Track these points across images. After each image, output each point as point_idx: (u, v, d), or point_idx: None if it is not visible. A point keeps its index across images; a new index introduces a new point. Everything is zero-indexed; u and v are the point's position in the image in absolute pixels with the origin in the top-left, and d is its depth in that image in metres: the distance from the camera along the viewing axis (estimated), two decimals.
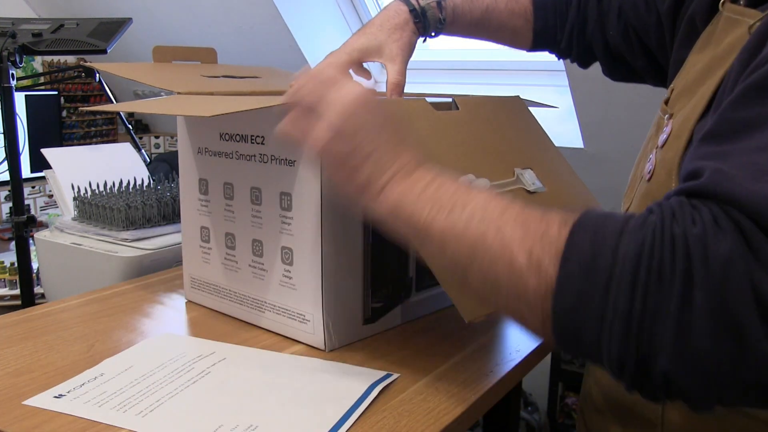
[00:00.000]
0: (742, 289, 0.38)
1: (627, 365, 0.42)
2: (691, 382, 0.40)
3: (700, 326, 0.39)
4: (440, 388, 0.65)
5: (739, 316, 0.38)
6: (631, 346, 0.41)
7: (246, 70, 0.99)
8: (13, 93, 1.57)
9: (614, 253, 0.41)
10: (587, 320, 0.42)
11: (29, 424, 0.57)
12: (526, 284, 0.45)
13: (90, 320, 0.81)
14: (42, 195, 2.73)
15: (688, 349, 0.39)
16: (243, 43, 2.60)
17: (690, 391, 0.41)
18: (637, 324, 0.40)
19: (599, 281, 0.42)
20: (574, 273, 0.43)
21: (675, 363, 0.40)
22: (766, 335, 0.38)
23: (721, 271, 0.38)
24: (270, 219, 0.75)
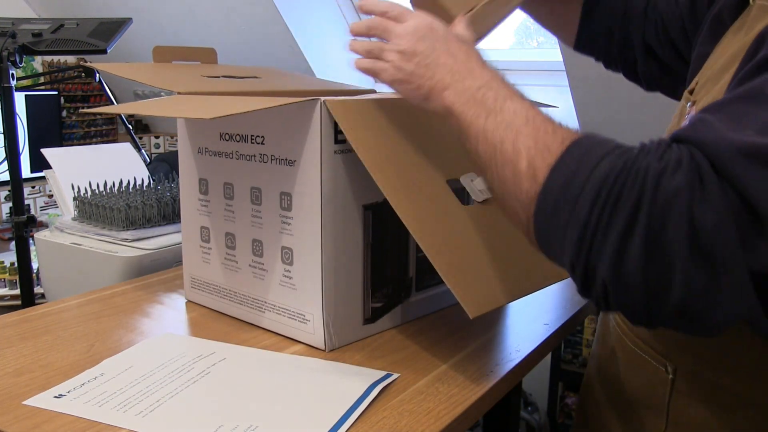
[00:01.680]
0: (680, 221, 0.43)
1: (577, 270, 0.48)
2: (624, 295, 0.46)
3: (637, 246, 0.44)
4: (440, 388, 0.65)
5: (672, 243, 0.43)
6: (582, 253, 0.47)
7: (246, 70, 0.99)
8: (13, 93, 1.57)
9: (591, 172, 0.47)
10: (556, 226, 0.49)
11: (29, 424, 0.57)
12: (521, 187, 0.52)
13: (90, 320, 0.81)
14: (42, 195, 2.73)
15: (622, 264, 0.45)
16: (243, 43, 2.60)
17: (624, 304, 0.47)
18: (590, 235, 0.46)
19: (571, 194, 0.47)
20: (557, 184, 0.49)
21: (611, 275, 0.45)
22: (694, 264, 0.43)
23: (665, 202, 0.43)
24: (270, 219, 0.75)
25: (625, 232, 0.44)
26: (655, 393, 0.67)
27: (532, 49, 2.32)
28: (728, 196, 0.42)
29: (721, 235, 0.42)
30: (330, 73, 2.54)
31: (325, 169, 0.69)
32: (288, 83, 0.98)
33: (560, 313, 0.86)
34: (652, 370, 0.67)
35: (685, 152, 0.45)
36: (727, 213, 0.42)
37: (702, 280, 0.43)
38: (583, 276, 0.48)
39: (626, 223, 0.44)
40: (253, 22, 2.46)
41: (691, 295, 0.44)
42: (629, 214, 0.44)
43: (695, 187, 0.43)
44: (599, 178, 0.46)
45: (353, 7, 2.51)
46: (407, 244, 0.80)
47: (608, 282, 0.46)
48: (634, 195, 0.44)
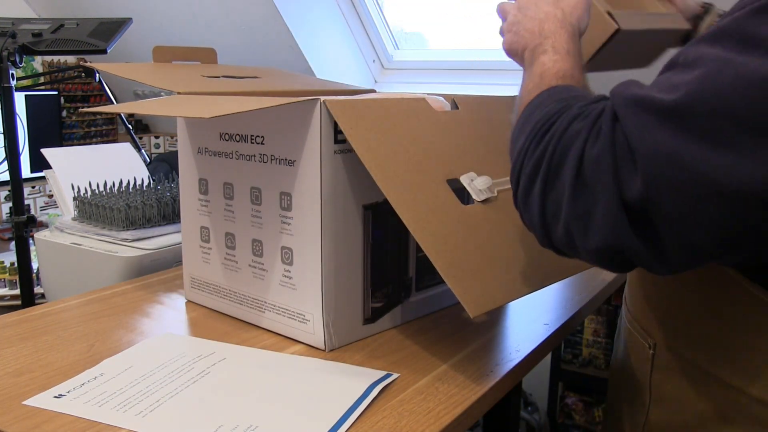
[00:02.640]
0: (574, 155, 0.50)
1: (512, 183, 0.57)
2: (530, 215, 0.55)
3: (542, 174, 0.53)
4: (440, 388, 0.65)
5: (564, 173, 0.51)
6: (515, 172, 0.57)
7: (246, 70, 0.99)
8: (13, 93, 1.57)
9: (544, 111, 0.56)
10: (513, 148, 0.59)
11: (29, 424, 0.57)
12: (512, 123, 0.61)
13: (90, 320, 0.81)
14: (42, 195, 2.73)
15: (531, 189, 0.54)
16: (243, 43, 2.60)
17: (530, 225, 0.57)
18: (521, 161, 0.55)
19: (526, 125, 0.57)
20: (522, 117, 0.59)
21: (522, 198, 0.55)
22: (576, 190, 0.50)
23: (568, 141, 0.51)
24: (270, 219, 0.75)
25: (537, 162, 0.53)
26: (641, 369, 0.72)
27: None
28: (616, 136, 0.49)
29: (599, 166, 0.49)
30: (330, 73, 2.54)
31: (325, 169, 0.69)
32: (288, 83, 0.98)
33: (560, 313, 0.86)
34: (640, 347, 0.72)
35: (604, 105, 0.52)
36: (609, 148, 0.49)
37: (580, 207, 0.50)
38: (514, 189, 0.57)
39: (540, 155, 0.53)
40: (253, 22, 2.46)
41: (572, 221, 0.50)
42: (543, 149, 0.53)
43: (592, 129, 0.51)
44: (542, 117, 0.55)
45: (353, 7, 2.51)
46: (407, 244, 0.80)
47: (520, 201, 0.56)
48: (553, 133, 0.53)
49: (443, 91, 0.85)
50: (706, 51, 0.48)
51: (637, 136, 0.47)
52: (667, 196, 0.46)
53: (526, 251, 0.73)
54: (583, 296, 0.91)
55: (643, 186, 0.46)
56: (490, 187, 0.74)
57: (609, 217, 0.48)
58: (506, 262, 0.71)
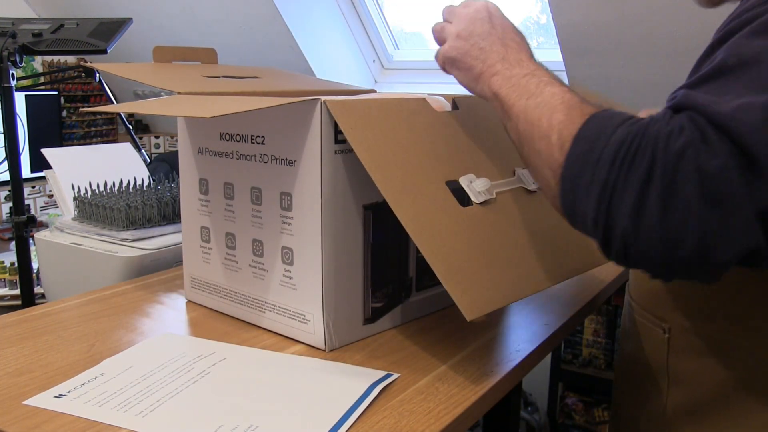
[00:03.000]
0: (690, 171, 0.48)
1: (598, 226, 0.52)
2: (643, 245, 0.50)
3: (653, 198, 0.49)
4: (440, 388, 0.65)
5: (684, 192, 0.48)
6: (602, 209, 0.52)
7: (246, 71, 0.99)
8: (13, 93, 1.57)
9: (608, 138, 0.52)
10: (579, 188, 0.54)
11: (30, 424, 0.57)
12: (552, 156, 0.57)
13: (90, 320, 0.81)
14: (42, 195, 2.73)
15: (641, 216, 0.49)
16: (243, 43, 2.60)
17: (644, 255, 0.51)
18: (609, 191, 0.51)
19: (592, 158, 0.53)
20: (578, 151, 0.54)
21: (631, 226, 0.50)
22: (706, 207, 0.47)
23: (675, 157, 0.49)
24: (270, 219, 0.75)
25: (641, 188, 0.50)
26: (656, 355, 0.75)
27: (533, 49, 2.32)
28: (727, 146, 0.48)
29: (726, 178, 0.47)
30: (330, 73, 2.54)
31: (326, 169, 0.69)
32: (288, 83, 0.98)
33: (560, 313, 0.86)
34: (654, 334, 0.75)
35: (684, 117, 0.51)
36: (729, 159, 0.47)
37: (714, 221, 0.48)
38: (604, 231, 0.52)
39: (642, 179, 0.50)
40: (253, 22, 2.46)
41: (706, 237, 0.48)
42: (645, 171, 0.50)
43: (699, 141, 0.49)
44: (616, 143, 0.52)
45: (353, 7, 2.51)
46: (407, 244, 0.80)
47: (627, 235, 0.51)
48: (648, 154, 0.50)
49: (443, 91, 0.85)
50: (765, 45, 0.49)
51: (754, 145, 0.47)
52: None
53: (524, 254, 0.73)
54: (583, 296, 0.91)
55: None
56: (489, 189, 0.74)
57: (747, 227, 0.48)
58: (504, 264, 0.71)
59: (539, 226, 0.77)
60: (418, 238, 0.64)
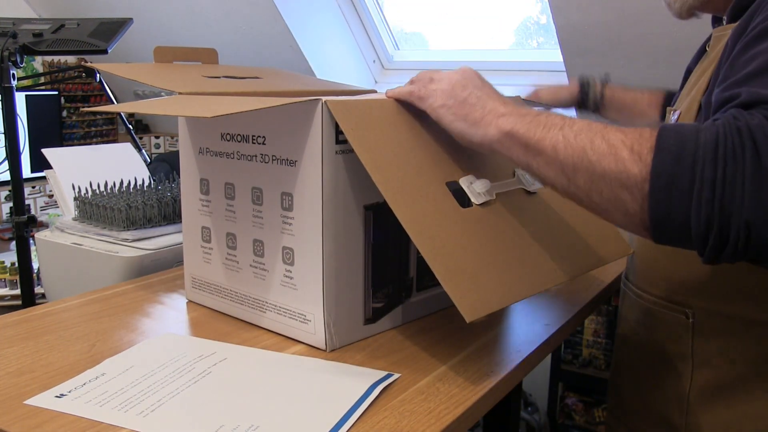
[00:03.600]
0: None
1: (713, 225, 0.52)
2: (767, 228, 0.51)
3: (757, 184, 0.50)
4: (441, 388, 0.65)
5: None
6: (717, 206, 0.52)
7: (247, 71, 0.99)
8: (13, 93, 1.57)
9: (696, 142, 0.53)
10: (677, 196, 0.53)
11: (31, 424, 0.57)
12: (629, 172, 0.55)
13: (91, 320, 0.81)
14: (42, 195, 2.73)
15: (763, 199, 0.50)
16: (243, 44, 2.60)
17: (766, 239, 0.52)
18: (721, 187, 0.51)
19: (687, 163, 0.53)
20: (667, 159, 0.54)
21: (754, 212, 0.51)
22: None
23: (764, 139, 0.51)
24: (271, 219, 0.75)
25: (757, 178, 0.51)
26: (679, 340, 0.78)
27: (533, 49, 2.32)
28: None
29: None
30: (330, 73, 2.54)
31: (327, 170, 0.69)
32: (289, 83, 0.98)
33: (560, 313, 0.86)
34: (674, 320, 0.79)
35: (765, 112, 0.53)
36: None
37: None
38: (720, 229, 0.52)
39: (754, 169, 0.51)
40: (253, 22, 2.46)
41: None
42: (754, 162, 0.51)
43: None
44: (710, 142, 0.53)
45: (353, 7, 2.51)
46: (408, 245, 0.80)
47: (751, 222, 0.51)
48: (749, 146, 0.51)
49: None
50: None
51: None
52: None
53: (524, 255, 0.73)
54: (584, 297, 0.91)
55: None
56: (489, 191, 0.74)
57: None
58: (503, 266, 0.71)
59: (539, 228, 0.77)
60: (418, 239, 0.64)
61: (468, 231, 0.70)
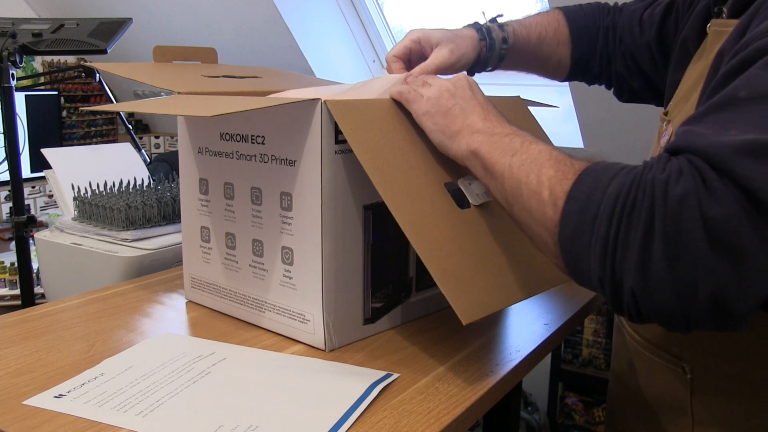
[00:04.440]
0: (693, 220, 0.45)
1: (605, 284, 0.50)
2: (655, 301, 0.47)
3: (658, 251, 0.46)
4: (440, 388, 0.65)
5: (690, 241, 0.45)
6: (608, 266, 0.49)
7: (246, 70, 0.99)
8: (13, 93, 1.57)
9: (603, 192, 0.50)
10: (580, 247, 0.51)
11: (30, 424, 0.57)
12: (546, 214, 0.54)
13: (90, 320, 0.81)
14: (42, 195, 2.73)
15: (648, 271, 0.47)
16: (243, 43, 2.60)
17: (656, 310, 0.48)
18: (612, 247, 0.49)
19: (589, 215, 0.50)
20: (574, 208, 0.52)
21: (639, 282, 0.47)
22: (715, 257, 0.45)
23: (676, 205, 0.46)
24: (270, 219, 0.75)
25: (644, 241, 0.47)
26: (677, 395, 0.70)
27: None
28: (732, 191, 0.45)
29: (734, 225, 0.45)
30: (330, 73, 2.54)
31: (326, 169, 0.69)
32: (288, 83, 0.98)
33: (560, 313, 0.86)
34: (671, 373, 0.70)
35: (683, 161, 0.48)
36: (735, 204, 0.45)
37: (726, 270, 0.45)
38: (612, 290, 0.50)
39: (644, 231, 0.47)
40: (253, 22, 2.46)
41: (719, 288, 0.45)
42: (645, 223, 0.47)
43: (700, 187, 0.46)
44: (612, 196, 0.49)
45: (353, 7, 2.51)
46: (407, 245, 0.80)
47: (636, 291, 0.48)
48: (646, 205, 0.47)
49: None
50: None
51: (763, 187, 0.44)
52: None
53: (521, 257, 0.73)
54: (584, 296, 0.91)
55: None
56: (487, 192, 0.74)
57: (762, 273, 0.45)
58: (501, 267, 0.71)
59: None
60: (416, 241, 0.64)
61: (466, 232, 0.70)
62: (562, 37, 0.95)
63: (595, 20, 0.95)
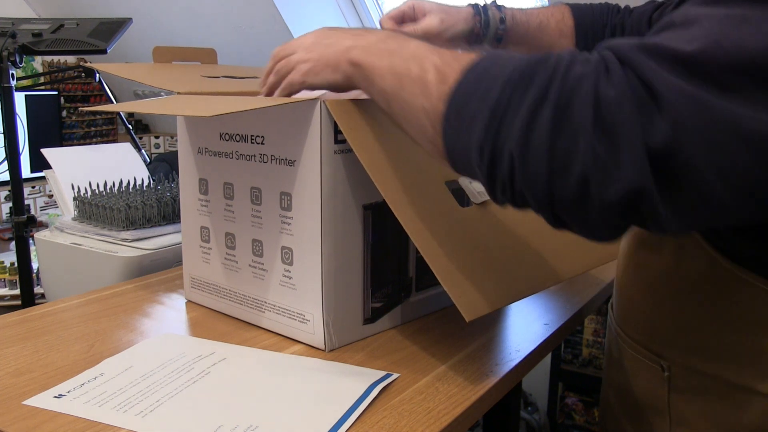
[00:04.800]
0: (586, 97, 0.45)
1: (484, 151, 0.50)
2: (530, 167, 0.48)
3: (545, 118, 0.46)
4: (440, 388, 0.65)
5: (577, 116, 0.45)
6: (492, 130, 0.49)
7: (246, 71, 0.99)
8: (13, 93, 1.57)
9: (504, 67, 0.50)
10: (466, 116, 0.51)
11: (29, 424, 0.57)
12: (430, 94, 0.54)
13: (90, 320, 0.81)
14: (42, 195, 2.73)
15: (531, 135, 0.47)
16: (243, 43, 2.60)
17: (529, 178, 0.48)
18: (502, 110, 0.48)
19: (484, 86, 0.50)
20: (470, 79, 0.52)
21: (519, 146, 0.47)
22: (596, 136, 0.45)
23: (574, 82, 0.46)
24: (270, 219, 0.75)
25: (534, 107, 0.47)
26: (656, 394, 0.69)
27: None
28: (629, 79, 0.46)
29: (622, 109, 0.45)
30: None
31: (325, 169, 0.69)
32: None
33: (560, 313, 0.86)
34: (651, 371, 0.69)
35: (594, 54, 0.49)
36: (628, 90, 0.45)
37: (602, 152, 0.45)
38: (490, 156, 0.50)
39: (536, 98, 0.47)
40: (253, 22, 2.46)
41: (592, 167, 0.45)
42: (540, 91, 0.47)
43: (601, 71, 0.46)
44: (512, 68, 0.49)
45: (353, 7, 2.51)
46: (407, 244, 0.80)
47: (515, 155, 0.48)
48: (545, 76, 0.47)
49: None
50: (710, 11, 0.47)
51: (660, 80, 0.45)
52: (694, 141, 0.44)
53: (523, 255, 0.73)
54: (584, 296, 0.91)
55: (670, 130, 0.44)
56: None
57: (635, 162, 0.44)
58: (503, 265, 0.71)
59: (539, 227, 0.76)
60: (417, 239, 0.64)
61: (467, 231, 0.70)
62: (566, 29, 0.95)
63: (603, 17, 0.95)
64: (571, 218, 0.49)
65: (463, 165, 0.54)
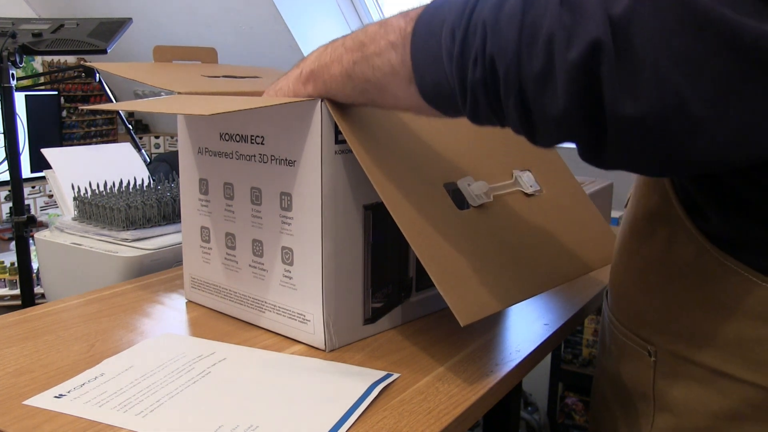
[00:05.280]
0: None
1: (457, 31, 0.52)
2: (501, 37, 0.49)
3: None
4: (440, 388, 0.65)
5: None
6: (466, 12, 0.52)
7: (246, 70, 0.99)
8: (13, 93, 1.57)
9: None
10: (438, 18, 0.54)
11: (29, 424, 0.57)
12: (397, 27, 0.58)
13: (90, 320, 0.81)
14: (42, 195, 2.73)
15: (504, 7, 0.49)
16: (243, 43, 2.60)
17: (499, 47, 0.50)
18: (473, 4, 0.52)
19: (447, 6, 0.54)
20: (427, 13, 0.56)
21: (491, 16, 0.50)
22: (564, 8, 0.47)
23: None
24: (270, 219, 0.75)
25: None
26: (642, 379, 0.70)
27: None
28: None
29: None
30: None
31: (326, 169, 0.69)
32: None
33: (560, 313, 0.86)
34: (638, 357, 0.70)
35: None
36: None
37: (568, 19, 0.47)
38: (463, 33, 0.52)
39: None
40: (253, 22, 2.46)
41: (558, 29, 0.47)
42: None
43: None
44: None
45: (353, 7, 2.51)
46: (407, 245, 0.79)
47: (488, 24, 0.50)
48: None
49: None
50: None
51: None
52: (651, 13, 0.45)
53: (520, 258, 0.73)
54: (584, 296, 0.91)
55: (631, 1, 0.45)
56: (487, 192, 0.74)
57: (597, 22, 0.46)
58: (500, 269, 0.71)
59: (536, 230, 0.77)
60: (414, 241, 0.64)
61: (465, 233, 0.70)
62: None
63: None
64: (535, 91, 0.50)
65: (432, 73, 0.56)
